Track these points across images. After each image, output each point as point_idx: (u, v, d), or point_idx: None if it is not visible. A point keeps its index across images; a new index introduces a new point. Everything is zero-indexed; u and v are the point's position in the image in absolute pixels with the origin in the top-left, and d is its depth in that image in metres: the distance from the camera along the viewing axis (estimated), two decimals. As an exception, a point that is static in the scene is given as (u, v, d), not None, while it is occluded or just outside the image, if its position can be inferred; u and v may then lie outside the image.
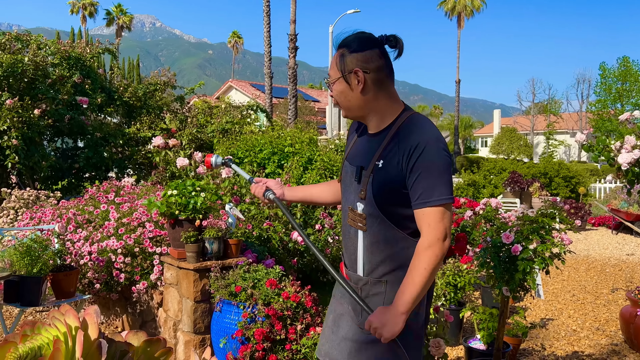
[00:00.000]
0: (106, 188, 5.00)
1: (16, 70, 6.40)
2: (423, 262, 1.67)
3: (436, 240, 1.67)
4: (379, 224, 1.76)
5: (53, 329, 1.37)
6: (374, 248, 1.79)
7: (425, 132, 1.72)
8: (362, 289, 1.82)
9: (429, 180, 1.67)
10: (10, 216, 5.30)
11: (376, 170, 1.75)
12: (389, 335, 1.67)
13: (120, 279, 4.06)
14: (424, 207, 1.68)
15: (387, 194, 1.74)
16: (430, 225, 1.67)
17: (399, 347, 1.74)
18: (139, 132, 7.55)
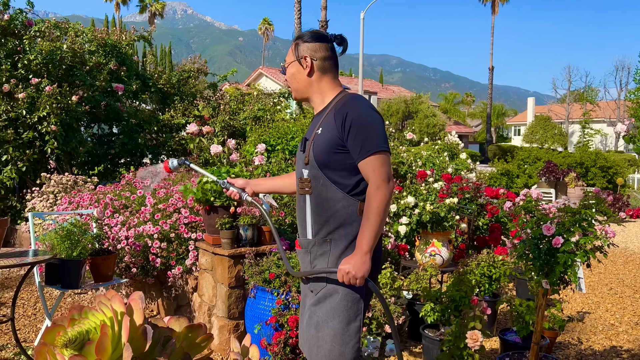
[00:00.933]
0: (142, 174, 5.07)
1: (55, 57, 6.53)
2: (375, 201, 1.90)
3: (382, 181, 1.91)
4: (321, 185, 2.01)
5: (100, 313, 1.40)
6: (318, 209, 2.02)
7: (357, 100, 2.04)
8: (311, 250, 2.05)
9: (366, 135, 1.94)
10: (49, 200, 5.43)
11: (316, 137, 2.03)
12: (361, 275, 1.88)
13: (156, 263, 4.13)
14: (366, 156, 1.93)
15: (326, 155, 1.99)
16: (375, 170, 1.92)
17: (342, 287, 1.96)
18: (173, 119, 7.63)
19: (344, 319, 1.97)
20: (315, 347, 2.01)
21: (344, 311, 1.97)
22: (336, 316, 1.97)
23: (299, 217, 2.13)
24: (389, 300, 3.78)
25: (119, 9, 49.51)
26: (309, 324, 2.04)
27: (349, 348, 1.97)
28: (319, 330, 1.99)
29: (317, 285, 2.03)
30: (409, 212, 4.47)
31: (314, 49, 2.08)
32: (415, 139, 9.45)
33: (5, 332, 4.06)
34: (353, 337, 1.97)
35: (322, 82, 2.10)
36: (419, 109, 30.69)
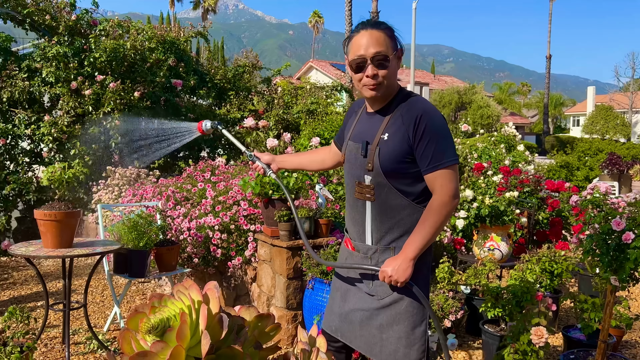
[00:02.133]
0: (202, 167, 5.23)
1: (118, 55, 6.79)
2: (435, 216, 1.85)
3: (449, 198, 1.85)
4: (385, 193, 1.93)
5: (179, 302, 1.47)
6: (382, 216, 1.95)
7: (425, 104, 1.90)
8: (372, 257, 1.99)
9: (438, 146, 1.84)
10: (114, 193, 5.68)
11: (382, 143, 1.91)
12: (402, 279, 1.86)
13: (217, 254, 4.25)
14: (435, 170, 1.85)
15: (393, 164, 1.89)
16: (443, 185, 1.85)
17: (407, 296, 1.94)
18: (229, 113, 7.80)
19: (410, 323, 1.96)
20: (378, 346, 2.01)
21: (409, 317, 1.96)
22: (402, 321, 1.96)
23: (355, 220, 2.05)
24: (447, 294, 3.75)
25: (173, 5, 50.73)
26: (368, 323, 2.03)
27: (414, 350, 1.96)
28: (383, 332, 1.99)
29: (382, 292, 1.99)
30: (467, 206, 4.41)
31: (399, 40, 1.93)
32: (470, 130, 9.26)
33: (77, 317, 4.29)
34: (418, 340, 1.96)
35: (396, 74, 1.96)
36: (472, 100, 30.01)
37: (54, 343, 3.71)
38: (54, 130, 6.35)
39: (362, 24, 1.92)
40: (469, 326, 3.95)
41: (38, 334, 3.49)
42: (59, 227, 3.21)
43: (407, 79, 32.37)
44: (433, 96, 30.48)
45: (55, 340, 3.76)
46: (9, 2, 6.70)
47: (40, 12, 6.80)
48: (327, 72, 33.89)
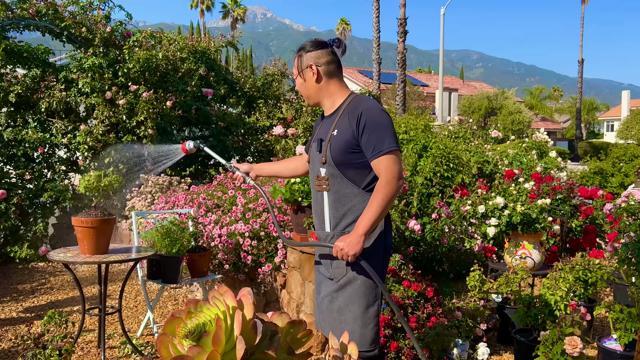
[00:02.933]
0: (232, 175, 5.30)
1: (151, 65, 6.96)
2: (381, 194, 2.07)
3: (392, 178, 2.09)
4: (338, 183, 2.19)
5: (214, 307, 1.50)
6: (336, 204, 2.21)
7: (368, 101, 2.20)
8: (331, 242, 2.20)
9: (377, 135, 2.11)
10: (147, 200, 5.80)
11: (332, 138, 2.19)
12: (352, 252, 2.06)
13: (247, 260, 4.31)
14: (379, 156, 2.10)
15: (342, 155, 2.16)
16: (387, 167, 2.09)
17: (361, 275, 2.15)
18: (258, 121, 7.89)
19: (363, 303, 2.16)
20: (338, 330, 2.18)
21: (363, 297, 2.17)
22: (356, 301, 2.17)
23: (315, 211, 2.33)
24: (478, 303, 3.72)
25: (203, 15, 51.57)
26: (330, 308, 2.24)
27: (369, 330, 2.18)
28: (342, 314, 2.19)
29: (338, 273, 2.21)
30: (498, 213, 4.37)
31: (317, 56, 2.24)
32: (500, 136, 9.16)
33: (111, 322, 4.39)
34: (372, 320, 2.18)
35: (330, 85, 2.26)
36: (502, 105, 29.63)
37: (90, 347, 3.81)
38: (90, 139, 6.54)
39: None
40: (500, 335, 3.90)
41: (75, 337, 3.59)
42: (96, 233, 3.30)
43: (436, 85, 32.16)
44: (462, 102, 30.19)
45: (91, 344, 3.86)
46: (48, 15, 6.94)
47: (77, 25, 7.02)
48: (355, 79, 33.92)
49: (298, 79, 2.31)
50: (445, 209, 5.14)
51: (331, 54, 2.27)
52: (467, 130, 8.46)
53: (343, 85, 2.31)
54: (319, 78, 2.25)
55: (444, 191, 5.75)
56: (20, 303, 4.89)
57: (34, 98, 6.79)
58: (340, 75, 2.31)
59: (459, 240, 5.10)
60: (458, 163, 5.95)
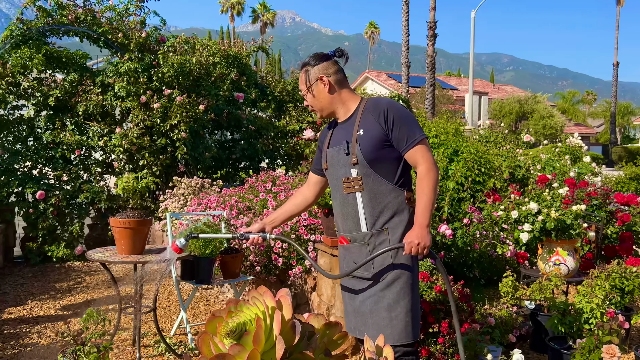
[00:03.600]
0: (264, 178, 5.36)
1: (185, 70, 7.09)
2: (427, 181, 2.15)
3: (432, 164, 2.18)
4: (372, 181, 2.22)
5: (254, 307, 1.54)
6: (372, 202, 2.23)
7: (386, 99, 2.29)
8: (369, 242, 2.25)
9: (408, 127, 2.19)
10: (180, 202, 5.91)
11: (360, 138, 2.23)
12: (428, 244, 2.11)
13: (278, 263, 4.35)
14: (413, 146, 2.18)
15: (373, 152, 2.21)
16: (424, 156, 2.18)
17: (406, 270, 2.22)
18: (288, 125, 7.96)
19: (413, 298, 2.24)
20: (388, 328, 2.21)
21: (412, 290, 2.24)
22: (407, 295, 2.22)
23: (346, 214, 2.32)
24: (511, 309, 3.68)
25: (233, 20, 52.21)
26: (376, 308, 2.25)
27: (417, 321, 2.25)
28: (392, 311, 2.21)
29: (383, 272, 2.24)
30: (531, 219, 4.32)
31: (324, 68, 2.30)
32: (532, 140, 9.03)
33: (145, 321, 4.47)
34: (417, 313, 2.26)
35: (342, 94, 2.32)
36: (534, 110, 29.14)
37: (125, 345, 3.90)
38: (125, 142, 6.69)
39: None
40: (533, 342, 3.85)
41: (112, 335, 3.69)
42: (133, 234, 3.38)
43: (465, 88, 31.84)
44: (493, 105, 29.81)
45: (126, 342, 3.95)
46: (86, 21, 7.14)
47: (114, 31, 7.20)
48: (383, 83, 33.85)
49: (308, 95, 2.35)
50: (477, 214, 5.10)
51: (336, 64, 2.33)
52: (499, 135, 8.37)
53: (353, 92, 2.37)
54: (332, 88, 2.30)
55: (475, 196, 5.70)
56: (58, 301, 5.04)
57: (72, 102, 6.99)
58: (348, 83, 2.37)
59: (490, 246, 5.05)
60: (490, 168, 5.89)
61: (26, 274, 6.14)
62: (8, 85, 6.87)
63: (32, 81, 6.98)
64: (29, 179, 6.63)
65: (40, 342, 3.94)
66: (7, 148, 6.76)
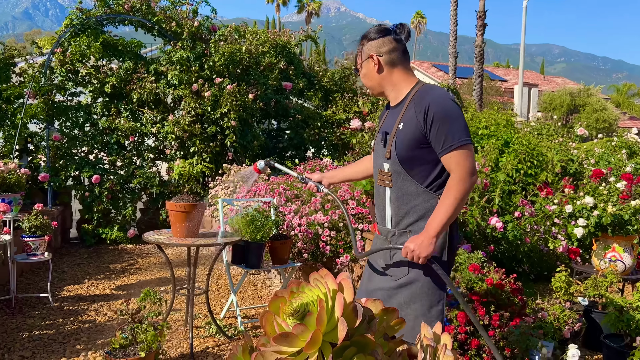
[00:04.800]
0: (312, 167, 5.40)
1: (235, 59, 7.20)
2: (454, 192, 1.97)
3: (466, 174, 1.98)
4: (402, 180, 2.10)
5: (316, 289, 1.57)
6: (399, 202, 2.13)
7: (435, 92, 2.07)
8: (391, 239, 2.17)
9: (447, 128, 1.98)
10: (230, 189, 6.03)
11: (398, 132, 2.09)
12: (424, 254, 1.98)
13: (325, 250, 4.39)
14: (450, 151, 1.99)
15: (407, 151, 2.07)
16: (459, 164, 1.98)
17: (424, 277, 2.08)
18: (335, 115, 7.97)
19: (427, 302, 2.09)
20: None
21: (426, 296, 2.09)
22: (418, 300, 2.10)
23: (377, 205, 2.26)
24: (564, 305, 3.60)
25: (279, 10, 52.45)
26: (388, 302, 2.15)
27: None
28: (402, 310, 2.10)
29: (399, 272, 2.14)
30: (586, 214, 4.20)
31: (378, 45, 2.14)
32: (586, 134, 8.74)
33: (196, 303, 4.60)
34: (435, 319, 2.07)
35: (394, 75, 2.16)
36: (586, 103, 28.13)
37: (177, 325, 4.03)
38: (177, 129, 6.86)
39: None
40: (586, 340, 3.76)
41: (165, 315, 3.81)
42: (187, 217, 3.48)
43: (514, 80, 31.04)
44: (543, 98, 28.95)
45: (178, 323, 4.08)
46: (141, 10, 7.33)
47: (168, 20, 7.37)
48: (429, 73, 33.36)
49: (361, 70, 2.23)
50: (529, 208, 4.99)
51: (394, 41, 2.16)
52: (551, 127, 8.15)
53: (409, 74, 2.18)
54: (380, 68, 2.16)
55: (526, 189, 5.59)
56: (113, 281, 5.24)
57: (127, 89, 7.21)
58: (406, 63, 2.19)
59: (541, 241, 4.94)
60: (542, 160, 5.75)
61: (82, 255, 6.41)
62: (67, 72, 7.15)
63: (89, 69, 7.24)
64: (85, 164, 6.89)
65: (98, 320, 4.11)
66: (66, 133, 7.04)
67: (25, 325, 3.93)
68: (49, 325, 3.95)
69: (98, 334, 3.81)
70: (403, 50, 2.17)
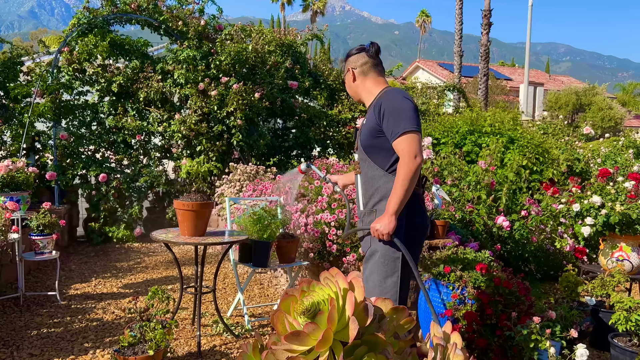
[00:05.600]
0: (318, 165, 5.41)
1: (241, 58, 7.21)
2: (402, 173, 2.31)
3: (409, 157, 2.31)
4: (367, 166, 2.50)
5: (327, 288, 1.58)
6: (366, 185, 2.51)
7: (391, 92, 2.47)
8: (363, 219, 2.55)
9: (395, 119, 2.35)
10: (236, 187, 6.04)
11: (362, 127, 2.55)
12: (386, 231, 2.33)
13: (332, 249, 4.39)
14: (396, 138, 2.34)
15: (368, 141, 2.46)
16: (404, 148, 2.32)
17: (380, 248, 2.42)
18: (341, 114, 7.97)
19: (381, 274, 2.42)
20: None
21: (381, 267, 2.42)
22: (375, 271, 2.44)
23: (355, 192, 2.68)
24: (571, 304, 3.60)
25: (284, 9, 52.38)
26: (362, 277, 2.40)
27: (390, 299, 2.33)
28: (367, 283, 2.44)
29: (365, 247, 2.54)
30: (594, 213, 4.19)
31: (354, 61, 2.61)
32: (593, 133, 8.71)
33: (203, 302, 4.62)
34: (389, 290, 2.41)
35: (366, 83, 2.58)
36: (592, 101, 28.02)
37: (185, 324, 4.04)
38: (183, 128, 6.88)
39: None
40: (593, 339, 3.75)
41: (173, 313, 3.83)
42: (196, 216, 3.49)
43: (520, 79, 30.90)
44: (548, 97, 28.84)
45: (185, 321, 4.09)
46: (148, 10, 7.35)
47: (174, 19, 7.38)
48: (434, 72, 33.28)
49: (345, 81, 2.69)
50: (535, 207, 4.99)
51: (366, 56, 2.59)
52: (557, 126, 8.13)
53: (379, 81, 2.58)
54: (355, 78, 2.60)
55: (532, 187, 5.57)
56: (120, 279, 5.26)
57: (134, 88, 7.23)
58: (377, 73, 2.59)
59: (548, 240, 4.93)
60: (548, 157, 5.74)
61: (89, 253, 6.44)
62: (74, 71, 7.18)
63: (96, 68, 7.27)
64: (92, 162, 6.92)
65: (105, 318, 4.13)
66: (73, 132, 7.07)
67: (34, 323, 3.95)
68: (57, 324, 3.97)
69: (106, 332, 3.83)
70: (374, 63, 2.60)
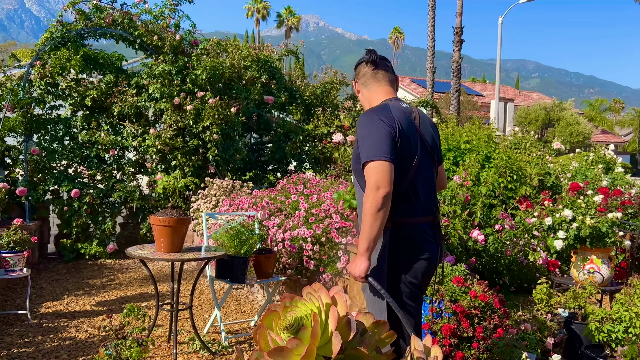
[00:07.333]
0: (295, 180, 5.42)
1: (217, 72, 7.21)
2: (365, 209, 2.14)
3: (369, 190, 2.13)
4: (357, 189, 2.40)
5: (309, 302, 1.58)
6: (359, 208, 2.38)
7: (365, 113, 2.33)
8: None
9: (361, 147, 2.22)
10: (212, 202, 6.00)
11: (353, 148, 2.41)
12: (357, 274, 2.18)
13: (309, 265, 4.39)
14: (363, 168, 2.20)
15: (353, 165, 2.37)
16: (367, 179, 2.16)
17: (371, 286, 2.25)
18: (317, 129, 8.01)
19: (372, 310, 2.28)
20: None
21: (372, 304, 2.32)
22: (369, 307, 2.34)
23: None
24: (545, 316, 3.66)
25: (258, 24, 52.60)
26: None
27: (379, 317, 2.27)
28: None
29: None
30: (565, 226, 4.29)
31: (356, 73, 2.56)
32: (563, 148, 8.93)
33: (178, 318, 4.55)
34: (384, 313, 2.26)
35: (367, 93, 2.50)
36: (560, 117, 28.75)
37: (160, 341, 3.97)
38: (158, 143, 6.82)
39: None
40: (567, 351, 3.82)
41: (149, 331, 3.77)
42: (172, 232, 3.46)
43: (491, 95, 31.54)
44: (518, 112, 29.49)
45: (161, 339, 4.03)
46: (123, 24, 7.30)
47: (149, 33, 7.35)
48: (407, 88, 33.74)
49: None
50: (509, 221, 5.07)
51: (365, 66, 2.52)
52: (529, 141, 8.31)
53: (377, 92, 2.46)
54: (359, 91, 2.57)
55: (507, 202, 5.68)
56: (93, 297, 5.16)
57: (108, 102, 7.15)
58: (377, 83, 2.47)
59: (521, 253, 5.02)
60: (521, 175, 5.86)
61: (60, 270, 6.29)
62: (47, 85, 7.07)
63: (69, 82, 7.17)
64: (64, 178, 6.80)
65: (78, 337, 4.04)
66: (45, 147, 6.94)
67: (3, 344, 3.84)
68: (28, 343, 3.87)
69: (79, 351, 3.74)
70: (372, 73, 2.48)
